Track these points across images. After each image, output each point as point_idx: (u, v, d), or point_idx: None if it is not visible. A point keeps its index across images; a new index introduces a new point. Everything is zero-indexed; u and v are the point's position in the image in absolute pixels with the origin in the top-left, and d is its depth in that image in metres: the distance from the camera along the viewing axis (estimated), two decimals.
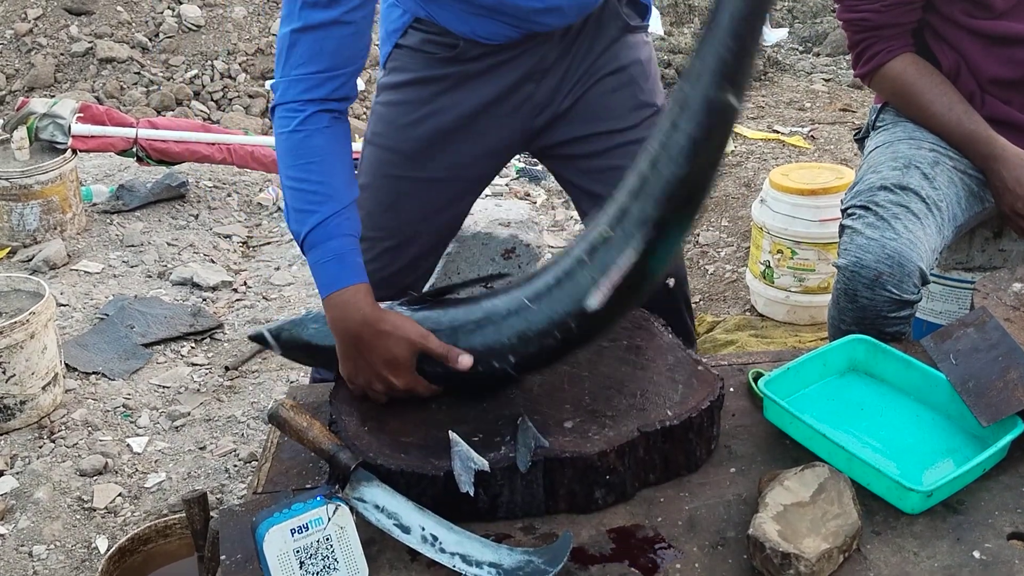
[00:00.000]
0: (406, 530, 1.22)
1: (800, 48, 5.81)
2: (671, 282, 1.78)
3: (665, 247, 1.32)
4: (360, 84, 3.33)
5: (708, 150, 1.28)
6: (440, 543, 1.21)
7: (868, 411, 1.46)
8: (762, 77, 5.16)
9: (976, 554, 1.20)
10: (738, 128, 4.33)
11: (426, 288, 2.09)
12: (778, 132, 4.30)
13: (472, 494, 1.23)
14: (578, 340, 1.37)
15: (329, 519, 1.18)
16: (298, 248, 1.44)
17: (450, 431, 1.30)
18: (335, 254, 1.38)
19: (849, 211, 1.71)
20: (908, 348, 1.58)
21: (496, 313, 1.37)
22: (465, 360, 1.35)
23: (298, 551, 1.17)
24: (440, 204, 1.74)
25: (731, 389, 1.52)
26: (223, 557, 1.25)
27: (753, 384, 1.51)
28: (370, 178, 1.73)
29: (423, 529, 1.22)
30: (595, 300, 1.30)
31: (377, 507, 1.24)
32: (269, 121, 4.86)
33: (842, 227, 1.71)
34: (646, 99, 1.75)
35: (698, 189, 1.31)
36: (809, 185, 2.75)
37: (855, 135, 2.09)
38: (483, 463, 1.24)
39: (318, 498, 1.19)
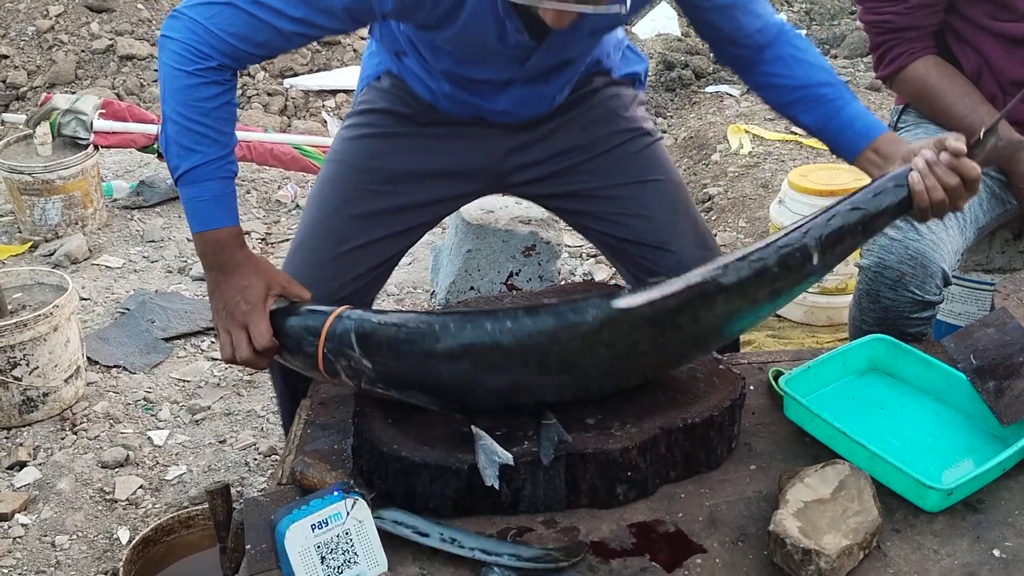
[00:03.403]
0: (424, 535, 1.24)
1: (818, 50, 5.80)
2: None
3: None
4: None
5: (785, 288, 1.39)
6: (458, 542, 1.23)
7: (888, 410, 1.47)
8: None
9: (996, 552, 1.21)
10: (756, 129, 4.33)
11: (441, 287, 2.10)
12: (796, 133, 4.29)
13: (497, 487, 1.25)
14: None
15: (348, 513, 1.19)
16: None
17: (473, 425, 1.32)
18: (213, 195, 1.43)
19: None
20: (928, 348, 1.59)
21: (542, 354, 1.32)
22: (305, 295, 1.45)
23: (319, 546, 1.18)
24: (382, 211, 1.71)
25: (751, 387, 1.53)
26: (248, 547, 1.27)
27: (773, 382, 1.52)
28: (318, 188, 1.75)
29: (441, 534, 1.24)
30: None
31: (396, 522, 1.26)
32: (287, 119, 4.92)
33: None
34: (627, 126, 1.77)
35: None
36: (828, 186, 2.74)
37: None
38: (507, 456, 1.26)
39: (335, 493, 1.20)
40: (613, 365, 1.33)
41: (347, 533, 1.19)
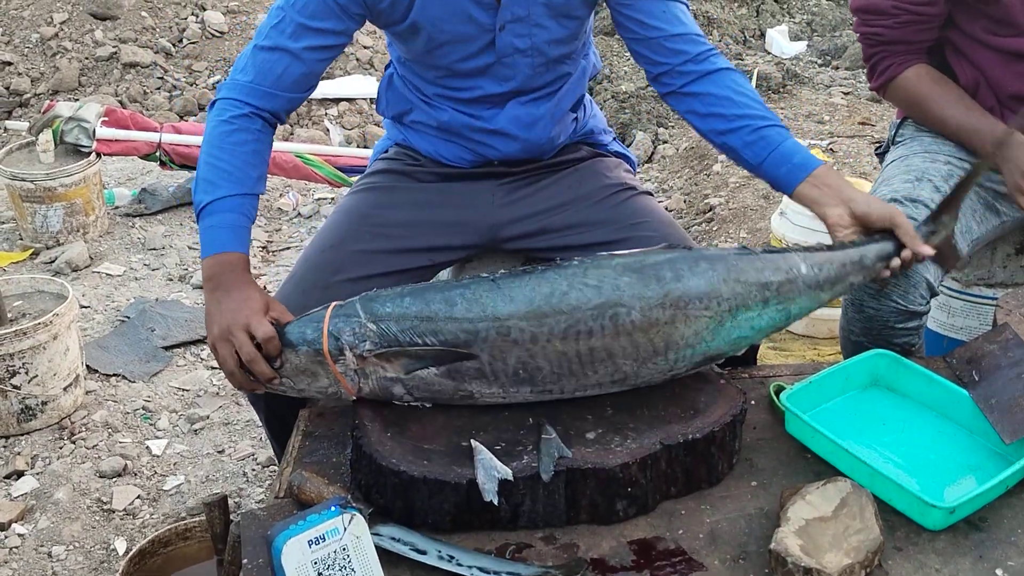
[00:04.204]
0: (422, 553, 1.23)
1: (819, 61, 5.80)
2: None
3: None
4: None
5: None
6: (456, 560, 1.22)
7: (890, 426, 1.46)
8: (781, 90, 5.15)
9: (999, 572, 1.20)
10: None
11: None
12: None
13: (496, 503, 1.24)
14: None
15: (345, 529, 1.18)
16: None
17: (473, 439, 1.31)
18: (230, 225, 1.51)
19: None
20: (930, 364, 1.58)
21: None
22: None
23: (316, 562, 1.16)
24: (378, 250, 1.74)
25: (752, 402, 1.52)
26: (245, 561, 1.26)
27: (775, 398, 1.51)
28: (317, 234, 1.80)
29: (439, 552, 1.23)
30: None
31: (393, 539, 1.25)
32: (290, 127, 4.94)
33: None
34: (611, 182, 1.82)
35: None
36: None
37: (876, 149, 2.10)
38: (506, 472, 1.25)
39: (333, 508, 1.19)
40: (600, 312, 1.35)
41: (344, 549, 1.18)
